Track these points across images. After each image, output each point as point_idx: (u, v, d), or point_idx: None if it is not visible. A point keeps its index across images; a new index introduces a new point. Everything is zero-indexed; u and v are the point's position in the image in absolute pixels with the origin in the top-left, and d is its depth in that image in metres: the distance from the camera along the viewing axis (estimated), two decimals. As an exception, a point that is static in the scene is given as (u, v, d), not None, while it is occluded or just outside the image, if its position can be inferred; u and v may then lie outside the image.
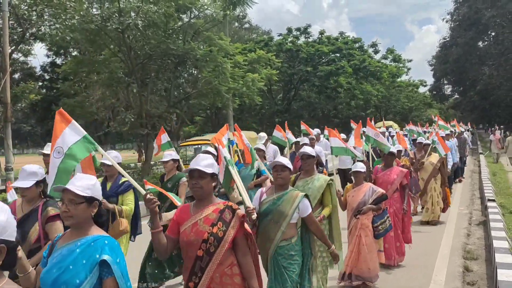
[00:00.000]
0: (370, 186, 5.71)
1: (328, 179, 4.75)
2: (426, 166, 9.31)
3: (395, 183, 6.51)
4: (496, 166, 19.92)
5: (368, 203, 5.56)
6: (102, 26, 15.29)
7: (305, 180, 4.80)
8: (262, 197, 4.04)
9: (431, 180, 9.25)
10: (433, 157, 9.35)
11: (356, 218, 5.57)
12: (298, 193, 3.92)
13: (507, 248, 6.08)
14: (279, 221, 3.81)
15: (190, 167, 3.00)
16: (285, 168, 3.94)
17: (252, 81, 19.94)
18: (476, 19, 40.95)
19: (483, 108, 49.43)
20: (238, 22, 47.77)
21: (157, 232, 2.90)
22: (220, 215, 2.94)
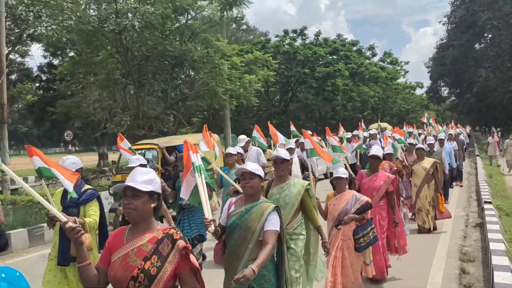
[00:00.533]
0: (353, 194, 5.24)
1: (305, 183, 4.36)
2: (418, 171, 8.68)
3: (381, 190, 5.96)
4: (493, 168, 19.96)
5: (351, 212, 5.11)
6: (99, 27, 15.28)
7: (280, 187, 4.36)
8: (230, 208, 3.61)
9: (424, 187, 8.63)
10: (426, 162, 8.70)
11: (337, 229, 5.13)
12: (269, 205, 3.45)
13: (504, 251, 6.08)
14: (247, 237, 3.38)
15: (124, 184, 2.48)
16: (254, 175, 3.49)
17: (249, 83, 19.96)
18: (473, 21, 41.11)
19: (479, 110, 49.61)
20: (236, 23, 47.80)
21: (84, 266, 2.39)
22: (156, 246, 2.38)
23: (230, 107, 22.00)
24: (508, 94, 40.62)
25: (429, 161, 8.71)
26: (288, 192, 4.29)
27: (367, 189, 5.95)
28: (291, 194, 4.27)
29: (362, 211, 5.13)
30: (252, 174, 3.50)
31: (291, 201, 4.25)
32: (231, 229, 3.50)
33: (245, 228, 3.41)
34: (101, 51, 17.88)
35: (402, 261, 6.76)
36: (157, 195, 2.51)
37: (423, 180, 8.59)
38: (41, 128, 43.22)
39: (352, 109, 39.61)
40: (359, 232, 5.07)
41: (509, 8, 38.82)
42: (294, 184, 4.32)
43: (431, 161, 8.73)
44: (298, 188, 4.29)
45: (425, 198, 8.58)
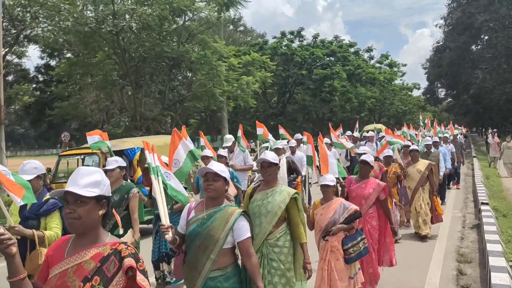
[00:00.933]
0: (341, 203, 4.87)
1: (292, 192, 3.95)
2: (413, 174, 8.30)
3: (371, 198, 5.56)
4: (489, 169, 20.02)
5: (339, 222, 4.76)
6: (96, 28, 15.26)
7: (264, 193, 3.97)
8: (190, 214, 3.24)
9: (419, 190, 8.26)
10: (420, 164, 8.34)
11: (324, 240, 4.78)
12: (235, 210, 3.13)
13: (501, 252, 6.10)
14: (209, 247, 3.04)
15: (65, 188, 2.09)
16: (218, 177, 3.14)
17: (246, 84, 19.98)
18: (469, 23, 41.26)
19: (476, 111, 49.80)
20: (233, 25, 47.88)
21: (17, 281, 1.94)
22: (100, 265, 1.98)
23: (228, 108, 22.01)
24: (505, 96, 40.77)
25: (424, 163, 8.35)
26: (272, 199, 3.90)
27: (355, 197, 5.58)
28: (274, 202, 3.88)
29: (350, 220, 4.82)
30: (217, 175, 3.14)
31: (273, 209, 3.86)
32: (191, 238, 3.14)
33: (206, 236, 3.06)
34: (99, 52, 17.87)
35: (400, 262, 6.77)
36: (106, 199, 2.14)
37: (418, 183, 8.23)
38: (38, 129, 43.14)
39: (349, 110, 39.69)
40: (347, 242, 4.75)
41: (505, 10, 38.99)
42: (280, 192, 3.94)
43: (426, 163, 8.38)
44: (284, 196, 3.90)
45: (422, 200, 8.22)
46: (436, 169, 8.98)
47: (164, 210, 3.32)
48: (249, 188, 4.19)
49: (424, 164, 8.32)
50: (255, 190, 4.10)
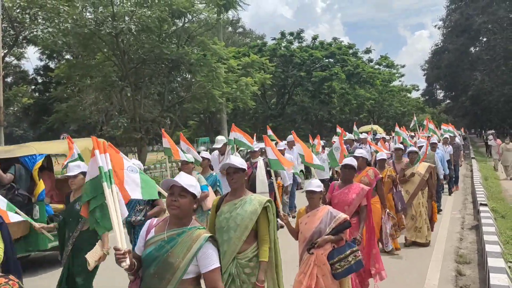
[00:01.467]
0: (328, 211, 4.38)
1: (264, 201, 3.47)
2: (413, 177, 7.82)
3: (354, 204, 5.11)
4: (488, 171, 20.01)
5: (326, 233, 4.28)
6: (95, 30, 15.27)
7: (232, 204, 3.50)
8: (149, 233, 2.72)
9: (418, 194, 7.75)
10: (420, 167, 7.85)
11: (309, 253, 4.28)
12: (201, 234, 2.59)
13: (499, 252, 6.11)
14: (165, 277, 2.55)
15: None
16: (185, 192, 2.61)
17: (245, 85, 20.01)
18: (468, 25, 41.38)
19: (474, 113, 49.92)
20: (232, 26, 47.94)
21: None
22: None
23: (227, 110, 22.02)
24: (503, 97, 40.89)
25: (423, 166, 7.85)
26: (241, 210, 3.43)
27: (337, 203, 5.12)
28: (245, 213, 3.40)
29: (338, 230, 4.32)
30: (183, 190, 2.61)
31: (243, 222, 3.39)
32: (146, 263, 2.62)
33: (164, 263, 2.56)
34: (98, 54, 17.88)
35: (399, 263, 6.79)
36: None
37: (417, 187, 7.72)
38: (36, 131, 43.08)
39: (348, 112, 39.73)
40: (334, 256, 4.25)
41: (503, 12, 39.10)
42: (250, 201, 3.47)
43: (426, 165, 7.89)
44: (254, 206, 3.43)
45: (421, 205, 7.73)
46: (435, 171, 8.50)
47: (120, 229, 2.73)
48: (215, 199, 3.68)
49: (424, 167, 7.84)
50: (222, 201, 3.61)
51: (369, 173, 6.47)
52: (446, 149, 13.18)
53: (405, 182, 7.82)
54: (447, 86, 51.00)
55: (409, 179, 7.81)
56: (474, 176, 16.11)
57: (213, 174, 6.86)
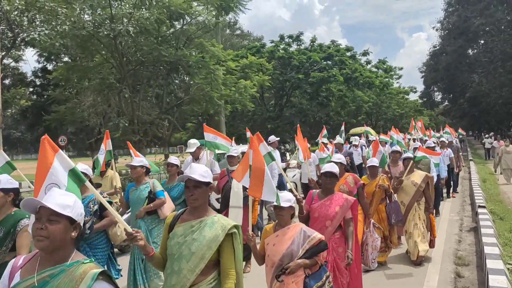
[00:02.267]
0: (300, 229, 3.67)
1: (228, 225, 2.77)
2: (407, 186, 6.97)
3: (337, 218, 4.41)
4: (486, 173, 20.03)
5: (298, 255, 3.54)
6: (94, 32, 15.26)
7: (189, 225, 2.81)
8: (13, 278, 2.06)
9: (414, 205, 6.99)
10: (416, 175, 7.06)
11: (278, 281, 3.57)
12: (87, 269, 1.99)
13: (498, 254, 6.12)
14: None
15: None
16: (59, 217, 2.00)
17: (244, 88, 20.02)
18: (465, 27, 41.51)
19: (472, 115, 50.04)
20: (230, 29, 47.98)
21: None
22: None
23: (225, 112, 22.03)
24: (501, 100, 41.00)
25: (420, 175, 7.07)
26: (199, 235, 2.75)
27: (318, 218, 4.45)
28: (202, 239, 2.74)
29: (313, 253, 3.62)
30: (53, 214, 1.98)
31: (199, 250, 2.73)
32: None
33: None
34: (96, 56, 17.86)
35: (398, 265, 6.79)
36: None
37: (413, 198, 6.92)
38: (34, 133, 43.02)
39: (346, 114, 39.77)
40: (311, 284, 3.55)
41: (501, 14, 39.25)
42: (211, 224, 2.79)
43: (422, 174, 7.09)
44: (216, 232, 2.76)
45: (418, 218, 6.98)
46: (432, 181, 7.56)
47: None
48: (169, 216, 3.01)
49: (420, 176, 7.03)
50: (177, 220, 2.91)
51: (348, 180, 5.78)
52: (445, 152, 12.45)
53: (396, 191, 7.07)
54: (445, 88, 51.11)
55: (398, 186, 6.99)
56: (472, 178, 16.14)
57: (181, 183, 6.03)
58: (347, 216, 4.48)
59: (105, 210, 4.60)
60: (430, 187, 7.19)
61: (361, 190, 5.85)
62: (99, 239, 4.85)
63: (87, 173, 4.81)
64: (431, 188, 7.37)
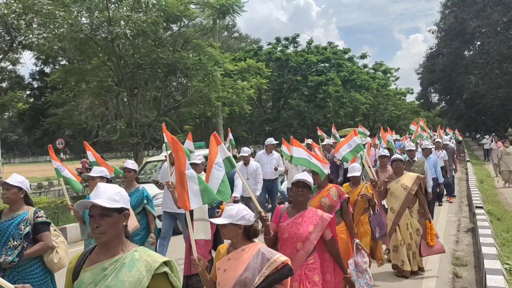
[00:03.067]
0: (258, 250, 2.98)
1: (156, 263, 2.09)
2: (396, 190, 6.35)
3: (311, 240, 3.66)
4: (483, 173, 20.10)
5: (254, 284, 2.88)
6: (91, 35, 15.26)
7: (99, 269, 2.11)
8: None
9: (405, 213, 6.31)
10: (406, 178, 6.39)
11: None
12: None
13: (496, 254, 6.15)
14: None
15: None
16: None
17: (242, 90, 20.05)
18: (462, 29, 41.67)
19: (469, 116, 50.24)
20: (228, 31, 48.02)
21: None
22: None
23: (223, 114, 22.04)
24: (497, 101, 41.16)
25: (410, 177, 6.38)
26: (115, 281, 2.05)
27: (287, 239, 3.69)
28: (121, 286, 2.04)
29: (274, 280, 2.92)
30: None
31: None
32: None
33: None
34: (94, 58, 17.86)
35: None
36: None
37: (404, 203, 6.28)
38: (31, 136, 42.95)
39: (344, 115, 39.82)
40: None
41: (497, 16, 39.42)
42: (131, 263, 2.10)
43: (413, 176, 6.42)
44: (138, 274, 2.06)
45: (406, 228, 6.31)
46: (424, 182, 6.89)
47: None
48: (72, 259, 2.26)
49: (411, 178, 6.36)
50: (83, 262, 2.19)
51: (331, 193, 4.85)
52: (439, 154, 11.94)
53: (383, 195, 6.52)
54: (442, 90, 51.30)
55: (381, 189, 6.38)
56: (469, 179, 16.19)
57: (139, 189, 5.78)
58: (327, 236, 3.75)
59: (39, 232, 3.94)
60: (423, 188, 6.59)
61: (345, 205, 4.90)
62: (32, 267, 3.97)
63: (22, 187, 4.02)
64: (425, 191, 6.74)
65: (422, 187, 6.50)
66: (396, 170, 6.55)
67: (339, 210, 4.86)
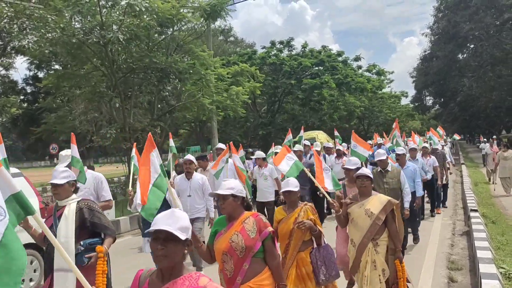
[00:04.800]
0: None
1: None
2: (359, 218, 4.61)
3: None
4: (478, 176, 20.13)
5: None
6: (84, 39, 15.17)
7: None
8: None
9: (368, 247, 4.56)
10: (373, 202, 4.63)
11: None
12: None
13: (491, 258, 6.12)
14: None
15: None
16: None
17: (236, 94, 20.00)
18: (455, 32, 41.89)
19: (463, 119, 50.48)
20: (223, 35, 48.07)
21: None
22: None
23: (217, 118, 21.99)
24: (491, 103, 41.41)
25: (379, 202, 4.60)
26: None
27: None
28: None
29: None
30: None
31: None
32: None
33: None
34: (87, 63, 17.75)
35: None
36: None
37: (366, 235, 4.55)
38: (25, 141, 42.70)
39: (338, 118, 39.89)
40: None
41: (490, 19, 39.65)
42: None
43: (383, 201, 4.60)
44: None
45: (371, 266, 4.52)
46: (399, 209, 4.82)
47: None
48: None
49: (380, 203, 4.58)
50: None
51: (247, 225, 3.25)
52: (427, 161, 10.57)
53: (344, 222, 4.83)
54: (436, 93, 51.53)
55: (338, 213, 4.77)
56: (464, 182, 16.19)
57: None
58: None
59: None
60: (396, 218, 4.64)
61: (270, 243, 3.30)
62: None
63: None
64: (398, 221, 4.66)
65: (396, 214, 4.64)
66: (361, 190, 4.68)
67: (260, 252, 3.26)
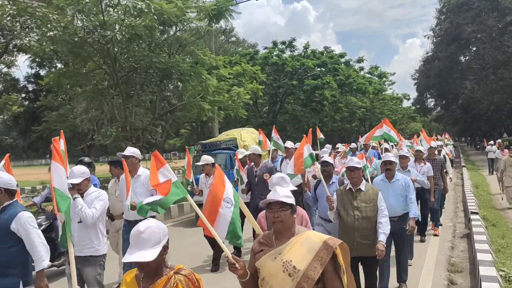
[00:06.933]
0: None
1: None
2: (274, 277, 2.59)
3: None
4: (479, 179, 20.09)
5: None
6: (85, 38, 15.17)
7: None
8: None
9: None
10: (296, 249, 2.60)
11: None
12: None
13: (491, 261, 6.11)
14: None
15: None
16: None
17: (237, 95, 20.01)
18: (457, 34, 41.86)
19: (465, 121, 50.48)
20: (225, 35, 48.06)
21: None
22: None
23: (218, 118, 22.00)
24: (492, 106, 41.36)
25: (305, 246, 2.60)
26: None
27: None
28: None
29: None
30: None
31: None
32: None
33: None
34: (88, 62, 17.76)
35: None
36: None
37: None
38: (26, 139, 42.73)
39: (340, 120, 39.90)
40: None
41: (492, 21, 39.61)
42: None
43: (314, 244, 2.59)
44: None
45: None
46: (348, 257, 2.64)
47: None
48: None
49: (308, 249, 2.59)
50: None
51: None
52: (421, 168, 8.55)
53: None
54: (438, 95, 51.52)
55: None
56: (464, 184, 16.18)
57: None
58: None
59: None
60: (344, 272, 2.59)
61: None
62: None
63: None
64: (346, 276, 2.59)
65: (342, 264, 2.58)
66: (276, 228, 2.67)
67: None
